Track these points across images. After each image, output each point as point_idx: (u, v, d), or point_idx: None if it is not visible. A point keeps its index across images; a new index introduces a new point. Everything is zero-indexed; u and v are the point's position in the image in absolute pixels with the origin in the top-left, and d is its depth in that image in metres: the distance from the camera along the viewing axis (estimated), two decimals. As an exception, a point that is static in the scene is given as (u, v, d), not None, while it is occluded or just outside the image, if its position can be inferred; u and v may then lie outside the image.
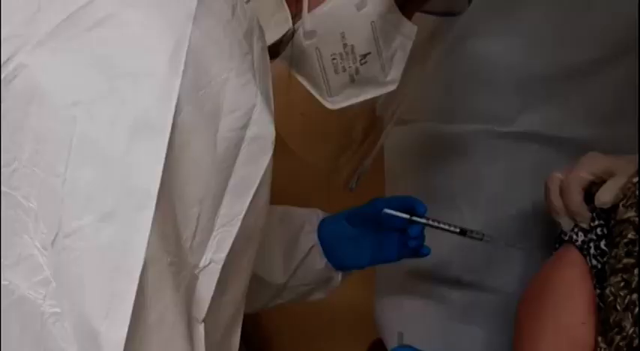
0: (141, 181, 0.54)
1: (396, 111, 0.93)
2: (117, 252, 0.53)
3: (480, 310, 1.01)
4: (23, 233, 0.55)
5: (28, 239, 0.55)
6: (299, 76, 0.75)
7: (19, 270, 0.56)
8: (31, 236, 0.55)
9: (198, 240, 0.57)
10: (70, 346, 0.54)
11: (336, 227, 0.90)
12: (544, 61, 0.97)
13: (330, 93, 0.73)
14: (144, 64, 0.55)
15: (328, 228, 0.91)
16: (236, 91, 0.57)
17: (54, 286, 0.55)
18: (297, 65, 0.73)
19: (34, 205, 0.55)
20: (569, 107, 0.98)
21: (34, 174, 0.55)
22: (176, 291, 0.55)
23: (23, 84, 0.55)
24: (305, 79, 0.74)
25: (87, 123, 0.54)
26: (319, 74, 0.72)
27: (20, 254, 0.56)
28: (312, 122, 0.97)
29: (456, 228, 0.87)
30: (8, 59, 0.56)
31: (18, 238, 0.56)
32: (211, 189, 0.57)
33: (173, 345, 0.56)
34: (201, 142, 0.56)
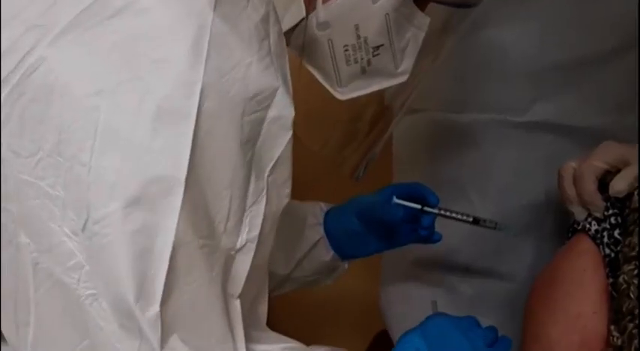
0: (167, 168, 0.55)
1: (406, 101, 0.93)
2: (146, 237, 0.55)
3: (489, 299, 1.01)
4: (50, 222, 0.58)
5: (55, 227, 0.58)
6: (309, 66, 0.76)
7: (52, 256, 0.58)
8: (59, 224, 0.58)
9: (232, 223, 0.59)
10: (109, 324, 0.57)
11: (344, 220, 0.91)
12: (558, 49, 0.98)
13: (341, 83, 0.74)
14: (166, 51, 0.56)
15: (335, 221, 0.91)
16: (259, 75, 0.59)
17: (87, 269, 0.57)
18: (308, 55, 0.74)
19: (60, 193, 0.57)
20: (583, 96, 0.99)
21: (59, 163, 0.57)
22: (210, 272, 0.58)
23: (44, 76, 0.57)
24: (315, 69, 0.76)
25: (111, 111, 0.56)
26: (330, 65, 0.73)
27: (51, 242, 0.58)
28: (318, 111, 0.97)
29: (468, 217, 0.88)
30: (28, 52, 0.58)
31: (46, 226, 0.58)
32: (240, 172, 0.59)
33: (209, 321, 0.58)
34: (227, 126, 0.57)
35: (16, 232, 0.60)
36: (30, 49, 0.58)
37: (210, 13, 0.57)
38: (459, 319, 0.76)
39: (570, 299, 0.80)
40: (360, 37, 0.71)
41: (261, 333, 0.65)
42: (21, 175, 0.58)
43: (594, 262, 0.80)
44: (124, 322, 0.57)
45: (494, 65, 1.01)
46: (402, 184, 0.92)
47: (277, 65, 0.61)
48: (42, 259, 0.59)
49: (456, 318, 0.76)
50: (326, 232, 0.91)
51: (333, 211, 0.93)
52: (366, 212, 0.89)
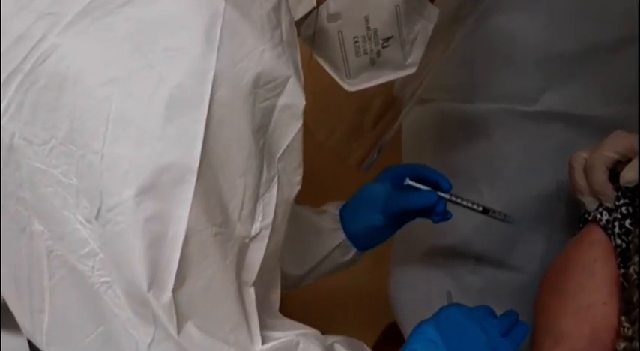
0: (180, 156, 0.56)
1: (416, 91, 0.94)
2: (159, 225, 0.56)
3: (499, 290, 1.02)
4: (63, 209, 0.59)
5: (69, 215, 0.58)
6: (318, 57, 0.76)
7: (66, 244, 0.59)
8: (73, 212, 0.58)
9: (246, 211, 0.60)
10: (124, 311, 0.58)
11: (365, 218, 0.91)
12: (567, 38, 0.98)
13: (350, 75, 0.75)
14: (178, 40, 0.57)
15: (354, 220, 0.92)
16: (272, 63, 0.59)
17: (101, 257, 0.58)
18: (318, 46, 0.74)
19: (73, 181, 0.58)
20: (594, 85, 0.99)
21: (72, 151, 0.57)
22: (223, 260, 0.58)
23: (56, 63, 0.58)
24: (324, 60, 0.76)
25: (123, 100, 0.56)
26: (340, 56, 0.74)
27: (64, 229, 0.59)
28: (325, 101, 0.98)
29: (478, 206, 0.88)
30: (40, 40, 0.58)
31: (59, 214, 0.59)
32: (253, 160, 0.59)
33: (223, 308, 0.59)
34: (239, 114, 0.58)
35: (30, 220, 0.60)
36: (42, 36, 0.58)
37: (222, 1, 0.58)
38: (473, 309, 0.77)
39: (581, 290, 0.81)
40: (370, 28, 0.72)
41: (275, 320, 0.66)
42: (34, 163, 0.59)
43: (605, 252, 0.81)
44: (138, 309, 0.58)
45: (503, 54, 1.01)
46: (409, 166, 0.93)
47: (289, 54, 0.61)
48: (56, 246, 0.60)
49: (470, 308, 0.77)
50: (347, 234, 0.92)
51: (348, 209, 0.93)
52: (389, 205, 0.89)
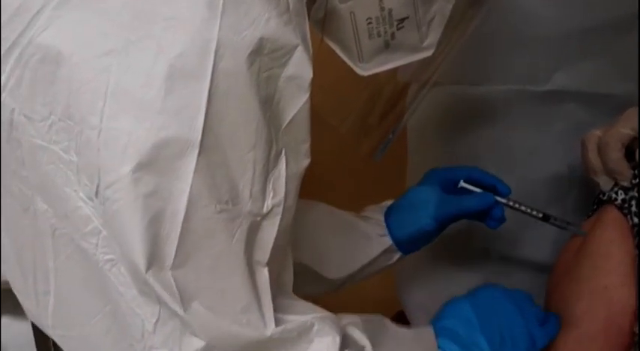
0: (181, 130, 0.55)
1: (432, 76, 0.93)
2: (158, 200, 0.55)
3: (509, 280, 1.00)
4: (65, 187, 0.58)
5: (72, 192, 0.58)
6: (329, 40, 0.75)
7: (69, 222, 0.59)
8: (75, 189, 0.58)
9: (257, 187, 0.58)
10: (130, 290, 0.57)
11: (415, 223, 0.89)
12: (580, 14, 0.97)
13: (363, 58, 0.73)
14: (179, 8, 0.56)
15: (403, 226, 0.90)
16: (278, 31, 0.58)
17: (104, 234, 0.57)
18: (329, 29, 0.73)
19: (74, 158, 0.57)
20: (607, 62, 0.97)
21: (70, 127, 0.57)
22: (230, 238, 0.57)
23: (53, 37, 0.57)
24: (335, 44, 0.74)
25: (121, 72, 0.55)
26: (352, 39, 0.72)
27: (67, 207, 0.58)
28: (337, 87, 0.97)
29: (538, 213, 0.85)
30: (38, 12, 0.58)
31: (62, 192, 0.58)
32: (262, 133, 0.58)
33: (233, 289, 0.58)
34: (245, 86, 0.57)
35: (34, 198, 0.60)
36: (39, 9, 0.57)
37: None
38: (512, 291, 0.75)
39: (596, 272, 0.80)
40: (384, 9, 0.70)
41: (290, 301, 0.65)
42: (35, 139, 0.58)
43: (622, 232, 0.80)
44: (142, 287, 0.57)
45: (512, 33, 1.00)
46: (461, 168, 0.91)
47: (296, 23, 0.60)
48: (60, 224, 0.59)
49: (510, 290, 0.75)
50: (393, 239, 0.90)
51: (396, 214, 0.91)
52: (442, 209, 0.88)
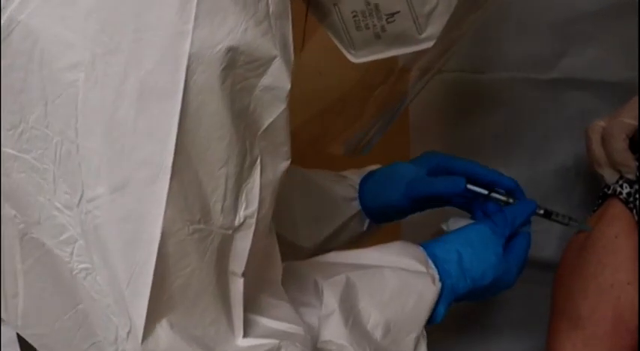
0: (153, 153, 0.55)
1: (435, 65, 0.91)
2: (133, 224, 0.55)
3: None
4: (38, 195, 0.58)
5: (45, 201, 0.58)
6: (321, 24, 0.74)
7: (42, 228, 0.59)
8: (49, 198, 0.57)
9: (229, 201, 0.58)
10: (105, 298, 0.58)
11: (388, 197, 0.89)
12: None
13: (354, 46, 0.72)
14: (149, 19, 0.55)
15: (376, 195, 0.90)
16: (255, 42, 0.57)
17: (81, 243, 0.58)
18: (319, 16, 0.72)
19: (49, 166, 0.57)
20: (613, 49, 0.96)
21: (47, 136, 0.56)
22: (201, 257, 0.58)
23: (21, 40, 0.56)
24: (327, 29, 0.73)
25: (89, 87, 0.54)
26: (340, 29, 0.71)
27: (40, 215, 0.58)
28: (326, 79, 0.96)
29: (540, 209, 0.83)
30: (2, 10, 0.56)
31: (34, 200, 0.58)
32: (235, 147, 0.58)
33: (202, 303, 0.58)
34: (219, 101, 0.56)
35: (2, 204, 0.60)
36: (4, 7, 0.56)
37: None
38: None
39: (602, 269, 0.79)
40: (369, 3, 0.68)
41: (272, 300, 0.65)
42: (4, 148, 0.58)
43: (627, 227, 0.79)
44: (118, 299, 0.57)
45: (516, 18, 0.99)
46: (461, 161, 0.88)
47: (276, 28, 0.59)
48: (31, 230, 0.59)
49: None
50: (362, 206, 0.90)
51: (371, 185, 0.91)
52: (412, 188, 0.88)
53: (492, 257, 0.76)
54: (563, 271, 0.84)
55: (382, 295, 0.70)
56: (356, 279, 0.70)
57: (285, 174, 0.62)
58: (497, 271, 0.76)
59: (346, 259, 0.74)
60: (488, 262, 0.76)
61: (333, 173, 0.94)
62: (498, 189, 0.83)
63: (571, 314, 0.80)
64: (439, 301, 0.74)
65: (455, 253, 0.76)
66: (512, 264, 0.77)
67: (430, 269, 0.74)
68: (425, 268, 0.74)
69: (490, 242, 0.77)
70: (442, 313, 0.74)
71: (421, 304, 0.72)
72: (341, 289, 0.68)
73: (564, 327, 0.79)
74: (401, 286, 0.71)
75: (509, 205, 0.82)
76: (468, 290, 0.75)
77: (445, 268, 0.75)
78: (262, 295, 0.63)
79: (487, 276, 0.76)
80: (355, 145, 1.02)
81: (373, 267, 0.72)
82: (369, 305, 0.69)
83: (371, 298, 0.70)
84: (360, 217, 0.91)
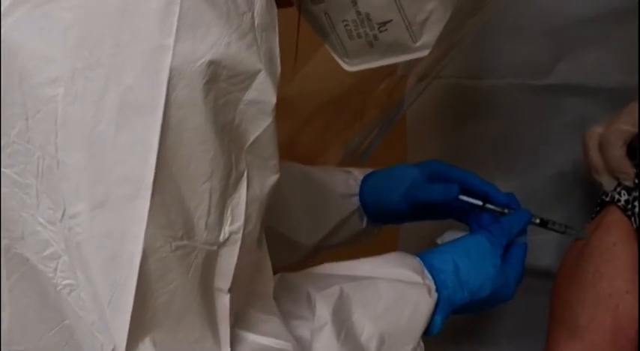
0: (133, 169, 0.54)
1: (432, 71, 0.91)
2: (114, 241, 0.55)
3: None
4: (21, 211, 0.57)
5: (28, 216, 0.57)
6: (315, 34, 0.73)
7: (25, 244, 0.58)
8: (32, 213, 0.57)
9: (213, 216, 0.58)
10: (89, 314, 0.57)
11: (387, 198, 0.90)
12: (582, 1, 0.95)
13: (348, 55, 0.72)
14: (128, 33, 0.54)
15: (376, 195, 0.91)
16: (239, 56, 0.56)
17: (65, 259, 0.57)
18: (312, 25, 0.71)
19: (31, 181, 0.56)
20: (611, 54, 0.96)
21: (29, 150, 0.56)
22: (185, 274, 0.57)
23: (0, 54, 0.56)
24: (321, 38, 0.73)
25: (69, 103, 0.54)
26: (333, 37, 0.71)
27: (24, 230, 0.58)
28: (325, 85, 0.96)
29: (535, 218, 0.83)
30: None
31: (17, 215, 0.58)
32: (219, 161, 0.57)
33: (186, 320, 0.58)
34: (201, 115, 0.55)
35: None
36: None
37: None
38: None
39: (600, 278, 0.79)
40: (360, 12, 0.68)
41: (260, 315, 0.64)
42: None
43: (625, 235, 0.79)
44: (102, 316, 0.57)
45: (512, 23, 0.99)
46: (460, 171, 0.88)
47: (262, 41, 0.58)
48: (15, 245, 0.59)
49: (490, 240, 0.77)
50: (361, 202, 0.91)
51: (372, 183, 0.92)
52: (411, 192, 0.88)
53: (490, 269, 0.75)
54: (562, 279, 0.84)
55: (377, 307, 0.70)
56: (350, 291, 0.69)
57: (274, 188, 0.62)
58: (495, 283, 0.75)
59: (340, 270, 0.73)
60: (486, 273, 0.75)
61: (336, 168, 0.95)
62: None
63: (570, 323, 0.79)
64: (436, 312, 0.73)
65: (452, 263, 0.75)
66: (510, 276, 0.77)
67: (426, 280, 0.74)
68: (421, 278, 0.73)
69: (488, 253, 0.76)
70: (439, 325, 0.74)
71: (417, 316, 0.71)
72: (334, 302, 0.68)
73: (563, 336, 0.79)
74: (396, 297, 0.71)
75: (504, 215, 0.81)
76: (465, 302, 0.75)
77: (442, 278, 0.74)
78: (251, 309, 0.63)
79: (485, 288, 0.75)
80: (354, 152, 1.02)
81: (368, 278, 0.72)
82: (363, 317, 0.69)
83: (365, 310, 0.69)
84: (359, 214, 0.91)
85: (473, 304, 0.76)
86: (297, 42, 0.74)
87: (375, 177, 0.92)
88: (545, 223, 0.82)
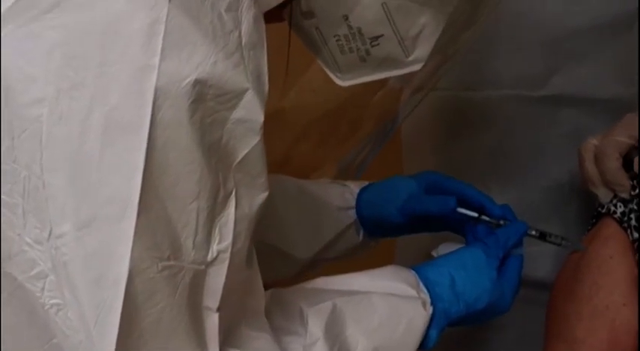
0: (119, 190, 0.54)
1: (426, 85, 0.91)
2: (100, 262, 0.55)
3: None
4: (8, 230, 0.57)
5: (15, 236, 0.57)
6: (307, 49, 0.73)
7: (13, 263, 0.58)
8: (18, 233, 0.57)
9: (201, 236, 0.58)
10: (77, 334, 0.57)
11: (383, 211, 0.89)
12: (577, 14, 0.95)
13: (340, 70, 0.72)
14: (114, 52, 0.54)
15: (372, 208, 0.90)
16: (226, 75, 0.56)
17: (52, 279, 0.57)
18: (303, 40, 0.71)
19: (18, 200, 0.56)
20: (607, 64, 0.96)
21: (15, 170, 0.56)
22: (172, 294, 0.57)
23: None
24: (313, 53, 0.73)
25: (53, 123, 0.54)
26: (324, 53, 0.71)
27: (10, 250, 0.58)
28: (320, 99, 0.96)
29: (531, 230, 0.82)
30: None
31: (4, 235, 0.57)
32: (207, 181, 0.57)
33: (175, 340, 0.58)
34: (188, 135, 0.55)
35: None
36: None
37: (165, 5, 0.54)
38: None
39: (596, 291, 0.78)
40: (352, 27, 0.68)
41: (251, 332, 0.64)
42: None
43: (622, 247, 0.79)
44: (89, 336, 0.57)
45: (508, 35, 0.99)
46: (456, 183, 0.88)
47: (249, 60, 0.58)
48: (4, 264, 0.59)
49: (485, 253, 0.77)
50: (358, 216, 0.90)
51: (369, 195, 0.91)
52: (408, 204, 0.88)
53: (487, 282, 0.75)
54: (558, 292, 0.83)
55: (371, 322, 0.69)
56: (343, 306, 0.69)
57: (263, 206, 0.61)
58: (491, 296, 0.75)
59: (334, 284, 0.73)
60: (482, 286, 0.75)
61: (333, 181, 0.94)
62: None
63: (566, 336, 0.79)
64: (431, 326, 0.73)
65: (447, 276, 0.75)
66: (506, 289, 0.76)
67: (421, 293, 0.73)
68: (416, 292, 0.73)
69: (484, 266, 0.76)
70: (434, 338, 0.73)
71: (411, 330, 0.71)
72: (326, 317, 0.67)
73: (560, 349, 0.79)
74: (390, 311, 0.70)
75: (500, 227, 0.81)
76: (461, 315, 0.74)
77: (437, 291, 0.74)
78: (241, 327, 0.62)
79: (481, 301, 0.75)
80: (348, 167, 1.02)
81: (361, 293, 0.71)
82: (356, 332, 0.68)
83: (359, 325, 0.69)
84: (355, 227, 0.91)
85: (469, 316, 0.75)
86: (287, 57, 0.74)
87: (371, 190, 0.91)
88: (541, 235, 0.82)
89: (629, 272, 0.77)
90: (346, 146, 1.04)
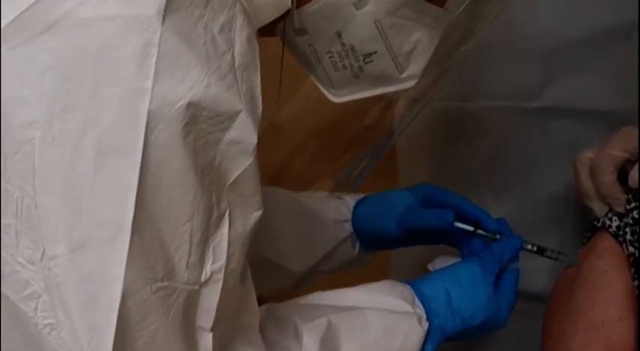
0: (112, 212, 0.54)
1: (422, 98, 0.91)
2: (93, 284, 0.55)
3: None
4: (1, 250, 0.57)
5: (7, 256, 0.57)
6: (301, 66, 0.73)
7: (6, 283, 0.58)
8: (11, 253, 0.57)
9: (194, 257, 0.58)
10: None
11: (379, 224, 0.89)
12: (573, 24, 0.96)
13: (333, 87, 0.72)
14: (107, 75, 0.54)
15: (368, 221, 0.90)
16: (219, 97, 0.56)
17: (45, 299, 0.57)
18: (297, 57, 0.71)
19: (11, 221, 0.56)
20: (601, 76, 0.96)
21: (7, 190, 0.56)
22: (166, 314, 0.57)
23: None
24: (306, 70, 0.73)
25: (46, 145, 0.54)
26: (317, 69, 0.71)
27: (4, 270, 0.57)
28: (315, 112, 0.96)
29: (527, 244, 0.82)
30: None
31: None
32: (200, 202, 0.57)
33: None
34: (181, 157, 0.55)
35: None
36: None
37: (158, 28, 0.54)
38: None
39: (592, 305, 0.78)
40: (345, 44, 0.68)
41: (246, 348, 0.64)
42: None
43: (617, 262, 0.78)
44: None
45: (502, 46, 0.99)
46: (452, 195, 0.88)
47: (242, 81, 0.58)
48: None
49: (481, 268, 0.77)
50: (354, 229, 0.90)
51: (365, 209, 0.91)
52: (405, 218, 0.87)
53: (483, 297, 0.75)
54: (554, 306, 0.83)
55: (366, 338, 0.69)
56: (338, 322, 0.69)
57: (257, 224, 0.61)
58: (487, 311, 0.75)
59: (329, 299, 0.73)
60: (478, 301, 0.75)
61: (328, 194, 0.94)
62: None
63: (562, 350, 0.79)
64: (426, 342, 0.73)
65: (443, 291, 0.75)
66: (502, 303, 0.76)
67: (417, 309, 0.73)
68: (411, 307, 0.73)
69: (480, 281, 0.76)
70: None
71: (407, 346, 0.71)
72: (321, 333, 0.67)
73: (556, 365, 0.79)
74: (385, 328, 0.70)
75: (496, 241, 0.81)
76: (457, 330, 0.74)
77: (433, 307, 0.74)
78: (236, 343, 0.63)
79: (477, 316, 0.74)
80: (344, 182, 1.02)
81: (356, 309, 0.71)
82: (351, 349, 0.68)
83: (354, 342, 0.68)
84: (351, 240, 0.91)
85: (465, 332, 0.75)
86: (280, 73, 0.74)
87: (367, 203, 0.91)
88: (537, 250, 0.82)
89: (624, 286, 0.77)
90: (342, 161, 1.04)
